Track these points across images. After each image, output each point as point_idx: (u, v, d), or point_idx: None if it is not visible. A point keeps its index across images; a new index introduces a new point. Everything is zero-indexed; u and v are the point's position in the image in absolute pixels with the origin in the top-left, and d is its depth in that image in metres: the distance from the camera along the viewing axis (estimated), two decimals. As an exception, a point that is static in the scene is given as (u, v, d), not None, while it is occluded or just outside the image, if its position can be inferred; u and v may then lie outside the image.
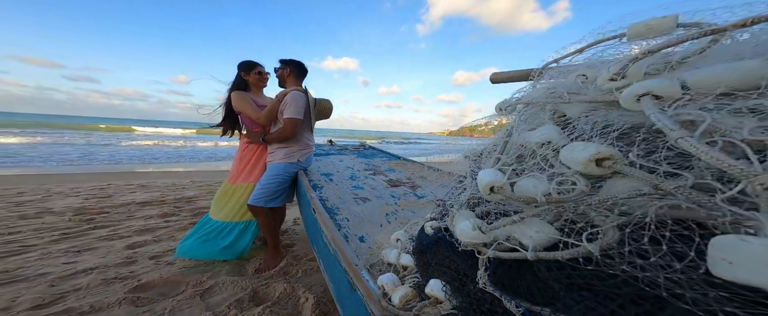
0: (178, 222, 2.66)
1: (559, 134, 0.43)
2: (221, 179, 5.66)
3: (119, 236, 2.24)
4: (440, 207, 0.72)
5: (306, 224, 1.48)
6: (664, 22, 0.45)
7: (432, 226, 0.64)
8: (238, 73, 1.77)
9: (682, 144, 0.28)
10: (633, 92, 0.36)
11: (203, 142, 16.04)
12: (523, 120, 0.54)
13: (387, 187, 1.67)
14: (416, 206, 1.36)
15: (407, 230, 0.87)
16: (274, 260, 1.69)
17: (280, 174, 1.65)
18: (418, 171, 2.14)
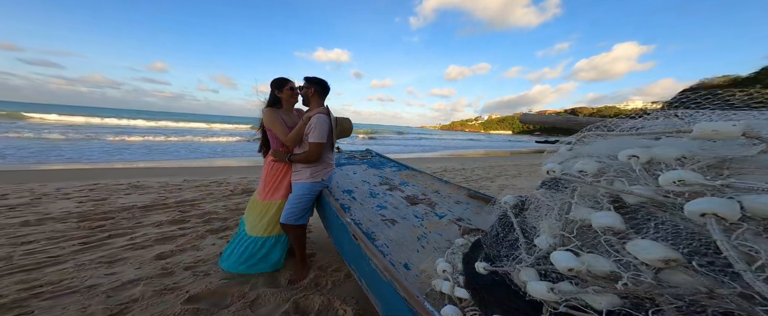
0: (192, 230, 2.74)
1: (622, 223, 0.54)
2: (215, 178, 5.66)
3: (141, 245, 2.31)
4: (485, 248, 0.94)
5: (340, 243, 1.59)
6: (731, 132, 0.50)
7: (484, 267, 0.84)
8: (272, 90, 1.86)
9: (745, 276, 0.38)
10: (697, 209, 0.45)
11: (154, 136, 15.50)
12: (577, 193, 0.67)
13: (407, 205, 1.89)
14: (440, 227, 1.59)
15: (448, 260, 1.09)
16: (303, 271, 1.88)
17: (306, 194, 1.77)
18: (430, 185, 2.37)
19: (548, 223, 0.69)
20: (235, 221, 3.04)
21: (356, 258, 1.31)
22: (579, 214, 0.63)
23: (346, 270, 1.93)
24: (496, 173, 7.31)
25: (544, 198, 0.80)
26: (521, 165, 9.64)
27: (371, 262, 1.12)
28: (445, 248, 1.34)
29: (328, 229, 1.79)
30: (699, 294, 0.41)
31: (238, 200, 4.03)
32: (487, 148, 23.54)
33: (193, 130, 22.74)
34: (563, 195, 0.74)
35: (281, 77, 1.87)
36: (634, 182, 0.59)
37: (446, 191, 2.21)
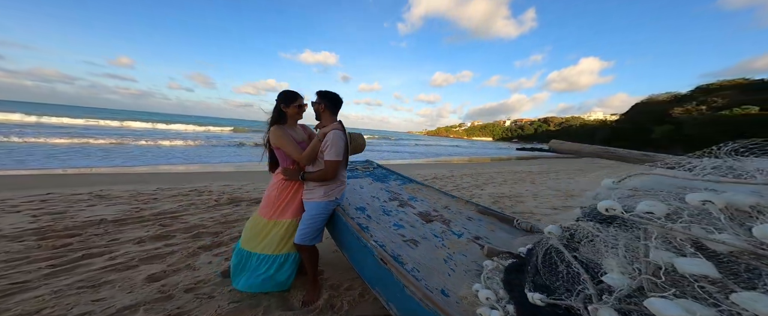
0: (181, 246, 2.52)
1: (717, 272, 0.55)
2: (193, 186, 5.28)
3: (126, 265, 2.09)
4: (529, 276, 0.98)
5: (361, 265, 1.53)
6: None
7: (541, 299, 0.85)
8: (277, 104, 1.74)
9: None
10: None
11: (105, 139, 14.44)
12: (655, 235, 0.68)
13: (423, 223, 1.91)
14: (461, 247, 1.62)
15: (487, 286, 1.12)
16: (316, 291, 1.81)
17: (321, 213, 1.72)
18: (437, 199, 2.41)
19: (617, 261, 0.73)
20: (229, 235, 2.85)
21: (385, 283, 1.28)
22: (659, 257, 0.65)
23: (359, 289, 1.89)
24: (484, 181, 7.57)
25: (601, 234, 0.86)
26: (505, 172, 10.08)
27: (407, 289, 1.10)
28: (475, 270, 1.37)
29: (344, 249, 1.75)
30: None
31: (225, 210, 3.79)
32: (471, 155, 24.67)
33: (166, 133, 21.15)
34: (628, 234, 0.79)
35: (290, 91, 1.76)
36: (716, 228, 0.62)
37: (455, 207, 2.27)
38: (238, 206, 3.99)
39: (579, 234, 0.98)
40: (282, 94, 1.75)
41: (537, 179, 8.45)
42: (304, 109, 1.81)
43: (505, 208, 4.36)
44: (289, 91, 1.76)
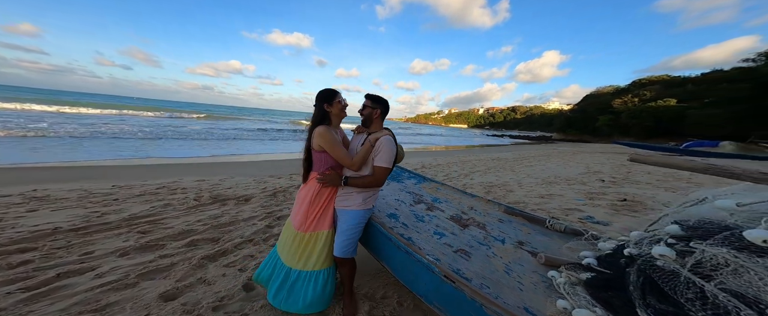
0: (180, 258, 2.23)
1: None
2: (159, 182, 4.69)
3: (123, 283, 1.82)
4: (636, 299, 0.95)
5: (412, 280, 1.42)
6: None
7: None
8: (319, 104, 1.60)
9: None
10: None
11: None
12: None
13: (460, 228, 1.87)
14: (511, 255, 1.61)
15: (572, 304, 1.10)
16: (354, 304, 1.71)
17: (361, 222, 1.61)
18: (459, 199, 2.39)
19: None
20: (231, 242, 2.58)
21: (450, 300, 1.21)
22: None
23: (395, 297, 1.82)
24: (470, 169, 7.85)
25: (749, 262, 0.82)
26: (485, 160, 10.59)
27: (486, 309, 1.05)
28: (542, 282, 1.36)
29: (385, 260, 1.61)
30: None
31: (212, 211, 3.43)
32: (450, 143, 25.61)
33: (101, 118, 18.13)
34: None
35: (330, 89, 1.63)
36: None
37: (481, 208, 2.27)
38: (225, 206, 3.63)
39: (709, 261, 0.94)
40: (322, 93, 1.62)
41: (514, 166, 8.95)
42: (346, 105, 1.68)
43: (498, 197, 4.54)
44: (328, 89, 1.63)
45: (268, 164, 7.68)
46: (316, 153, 1.61)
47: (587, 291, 1.17)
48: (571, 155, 14.03)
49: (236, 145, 11.80)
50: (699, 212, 1.21)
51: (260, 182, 5.08)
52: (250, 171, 6.44)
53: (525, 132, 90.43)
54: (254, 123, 28.75)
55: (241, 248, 2.45)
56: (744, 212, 1.04)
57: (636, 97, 40.72)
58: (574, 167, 8.71)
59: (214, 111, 59.88)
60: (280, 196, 4.17)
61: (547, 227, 2.00)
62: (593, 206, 4.05)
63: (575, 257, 1.58)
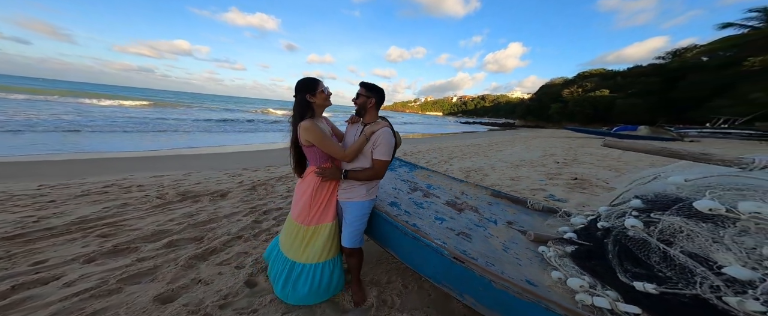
0: (163, 260, 2.07)
1: None
2: (102, 178, 4.14)
3: (105, 290, 1.68)
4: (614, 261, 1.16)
5: (422, 264, 1.50)
6: None
7: (655, 288, 0.99)
8: (300, 96, 1.50)
9: None
10: None
11: None
12: None
13: (457, 212, 2.02)
14: (505, 234, 1.80)
15: (568, 274, 1.29)
16: (362, 291, 1.77)
17: (366, 213, 1.64)
18: (450, 185, 2.55)
19: (734, 257, 0.92)
20: (218, 239, 2.43)
21: (459, 279, 1.31)
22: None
23: (399, 281, 1.92)
24: (448, 155, 8.23)
25: (699, 228, 1.04)
26: (460, 146, 11.14)
27: (495, 284, 1.15)
28: (535, 257, 1.56)
29: (393, 247, 1.68)
30: None
31: (184, 209, 3.16)
32: (425, 131, 26.27)
33: None
34: (729, 231, 0.99)
35: (311, 78, 1.53)
36: None
37: (470, 192, 2.46)
38: (198, 203, 3.36)
39: (667, 227, 1.15)
40: (303, 83, 1.51)
41: (487, 151, 9.60)
42: (328, 95, 1.59)
43: (477, 181, 4.90)
44: (309, 78, 1.53)
45: (239, 156, 7.16)
46: (306, 148, 1.54)
47: (574, 262, 1.38)
48: (531, 140, 15.42)
49: (195, 137, 10.69)
50: (654, 188, 1.48)
51: (234, 175, 4.76)
52: (217, 164, 5.96)
53: (493, 119, 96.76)
54: (215, 112, 26.09)
55: (230, 246, 2.33)
56: (689, 186, 1.31)
57: (580, 88, 45.87)
58: (535, 151, 9.62)
59: (160, 97, 52.67)
60: (260, 189, 3.97)
61: (528, 206, 2.26)
62: (553, 186, 4.59)
63: (556, 232, 1.83)
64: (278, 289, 1.65)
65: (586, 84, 45.90)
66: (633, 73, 40.96)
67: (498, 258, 1.51)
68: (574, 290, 1.22)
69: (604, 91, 40.08)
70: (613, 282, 1.18)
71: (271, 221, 2.86)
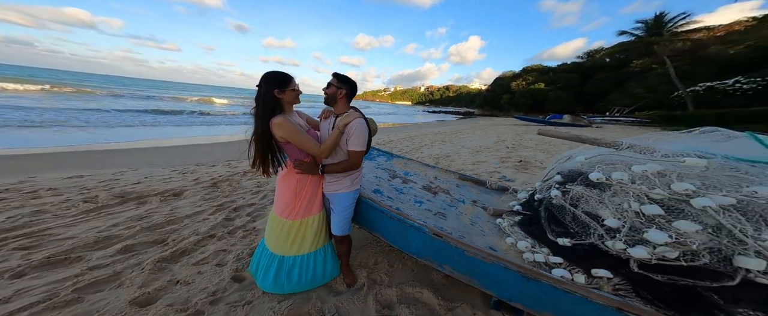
0: (124, 266, 1.88)
1: (662, 211, 1.16)
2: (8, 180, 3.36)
3: (62, 301, 1.52)
4: (546, 225, 1.54)
5: (406, 243, 1.66)
6: (699, 163, 1.27)
7: (569, 242, 1.37)
8: (267, 90, 1.40)
9: (738, 234, 1.05)
10: (701, 203, 1.14)
11: None
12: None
13: (432, 195, 2.27)
14: (470, 211, 2.09)
15: (518, 238, 1.62)
16: (352, 273, 1.89)
17: (352, 203, 1.72)
18: (425, 171, 2.80)
19: (610, 212, 1.32)
20: (186, 240, 2.25)
21: (438, 252, 1.52)
22: (632, 207, 1.28)
23: (385, 261, 2.09)
24: (419, 144, 8.61)
25: (589, 193, 1.45)
26: (429, 134, 11.69)
27: (467, 252, 1.39)
28: (494, 227, 1.88)
29: (378, 230, 1.82)
30: (714, 243, 1.05)
31: (128, 211, 2.81)
32: (395, 121, 26.52)
33: None
34: (606, 194, 1.39)
35: (282, 73, 1.46)
36: (652, 185, 1.28)
37: (442, 177, 2.75)
38: (146, 205, 2.99)
39: (574, 195, 1.56)
40: (272, 77, 1.42)
41: (452, 139, 10.32)
42: (300, 92, 1.56)
43: (446, 167, 5.33)
44: (280, 72, 1.46)
45: (184, 151, 6.34)
46: (282, 144, 1.50)
47: (521, 228, 1.75)
48: (488, 128, 16.93)
49: (118, 131, 8.98)
50: (568, 165, 1.92)
51: (185, 172, 4.27)
52: (158, 160, 5.22)
53: (456, 108, 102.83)
54: (138, 100, 22.02)
55: (203, 245, 2.19)
56: (587, 163, 1.76)
57: (524, 81, 52.40)
58: (490, 138, 10.68)
59: (47, 77, 41.42)
60: (224, 186, 3.68)
61: (487, 187, 2.65)
62: (505, 168, 5.30)
63: (508, 206, 2.22)
64: (270, 283, 1.64)
65: (528, 78, 52.36)
66: (561, 69, 48.24)
67: (467, 231, 1.79)
68: (522, 251, 1.56)
69: (541, 85, 46.49)
70: (545, 241, 1.55)
71: (244, 218, 2.74)
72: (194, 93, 46.56)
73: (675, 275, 1.14)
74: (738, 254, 1.07)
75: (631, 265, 1.23)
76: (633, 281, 1.22)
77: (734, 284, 1.05)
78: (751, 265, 1.03)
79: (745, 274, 1.04)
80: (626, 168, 1.46)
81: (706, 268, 1.10)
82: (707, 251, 1.11)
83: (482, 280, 1.43)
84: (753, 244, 1.05)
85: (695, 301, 1.10)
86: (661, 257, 1.17)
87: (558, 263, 1.41)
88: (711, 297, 1.08)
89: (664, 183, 1.30)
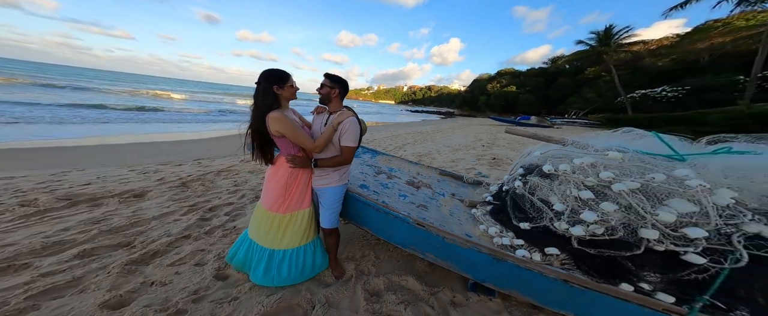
0: (84, 270, 1.72)
1: (594, 196, 1.42)
2: None
3: (15, 310, 1.33)
4: (511, 212, 1.75)
5: (391, 233, 1.76)
6: (617, 156, 1.53)
7: (528, 225, 1.57)
8: (266, 86, 1.46)
9: (638, 209, 1.33)
10: (618, 188, 1.40)
11: None
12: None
13: (415, 190, 2.38)
14: (449, 203, 2.23)
15: (489, 225, 1.80)
16: (341, 266, 1.92)
17: (341, 197, 1.76)
18: (408, 167, 2.91)
19: (557, 198, 1.54)
20: (158, 241, 2.10)
21: (421, 240, 1.64)
22: (573, 193, 1.52)
23: (372, 254, 2.13)
24: (402, 142, 8.74)
25: (543, 183, 1.67)
26: (411, 133, 11.87)
27: (446, 239, 1.53)
28: (469, 217, 2.03)
29: (365, 223, 1.89)
30: (625, 219, 1.34)
31: (80, 215, 2.55)
32: (379, 119, 26.60)
33: None
34: (555, 183, 1.62)
35: (279, 70, 1.54)
36: (588, 175, 1.53)
37: (424, 172, 2.88)
38: (102, 207, 2.72)
39: (531, 185, 1.78)
40: (271, 74, 1.48)
41: (433, 137, 10.61)
42: (297, 89, 1.62)
43: (427, 163, 5.51)
44: (277, 70, 1.53)
45: (143, 149, 5.75)
46: (276, 138, 1.55)
47: (491, 216, 1.94)
48: (466, 127, 17.63)
49: (56, 127, 7.85)
50: (529, 160, 2.16)
51: (146, 172, 3.90)
52: (108, 160, 4.70)
53: (437, 108, 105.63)
54: (78, 92, 19.43)
55: (178, 246, 2.06)
56: (542, 157, 2.00)
57: (498, 84, 55.91)
58: (469, 137, 11.16)
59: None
60: (195, 186, 3.43)
61: (464, 181, 2.84)
62: (480, 164, 5.65)
63: (482, 198, 2.42)
64: (260, 276, 1.63)
65: (502, 80, 55.95)
66: (530, 73, 52.47)
67: (447, 221, 1.93)
68: (493, 236, 1.75)
69: (513, 88, 50.16)
70: (511, 226, 1.75)
71: (222, 218, 2.61)
72: (151, 86, 42.29)
73: (602, 248, 1.38)
74: (641, 227, 1.32)
75: (572, 242, 1.46)
76: (574, 256, 1.45)
77: (640, 252, 1.29)
78: (649, 235, 1.28)
79: (647, 243, 1.29)
80: (569, 161, 1.71)
81: (622, 240, 1.35)
82: (622, 225, 1.36)
83: (460, 264, 1.57)
84: (650, 218, 1.30)
85: (617, 269, 1.34)
86: (592, 233, 1.41)
87: (520, 244, 1.62)
88: (626, 264, 1.32)
89: (594, 172, 1.56)
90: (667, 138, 1.73)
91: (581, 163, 1.63)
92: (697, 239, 1.21)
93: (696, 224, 1.23)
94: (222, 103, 25.39)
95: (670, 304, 1.20)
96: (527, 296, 1.46)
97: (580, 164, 1.63)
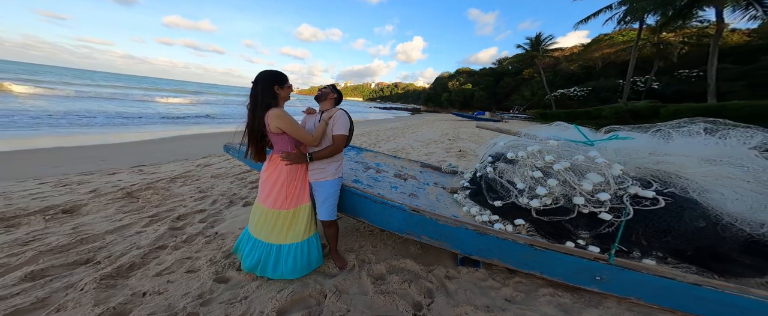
0: (45, 290, 1.48)
1: (543, 175, 1.86)
2: None
3: None
4: (486, 194, 2.07)
5: (387, 221, 1.87)
6: (554, 145, 2.02)
7: (498, 203, 1.90)
8: (268, 86, 1.55)
9: (571, 182, 1.81)
10: (557, 167, 1.87)
11: None
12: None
13: (402, 181, 2.56)
14: (434, 191, 2.46)
15: (470, 206, 2.09)
16: (342, 257, 1.98)
17: (337, 190, 1.84)
18: (392, 162, 3.08)
19: (519, 179, 1.90)
20: (128, 254, 1.86)
21: (416, 224, 1.80)
22: (531, 173, 1.92)
23: (369, 244, 2.22)
24: (376, 139, 8.80)
25: (508, 167, 2.03)
26: (384, 130, 12.02)
27: (439, 221, 1.74)
28: (453, 202, 2.30)
29: (362, 214, 1.96)
30: (564, 191, 1.81)
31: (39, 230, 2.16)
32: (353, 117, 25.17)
33: None
34: (516, 167, 1.98)
35: (279, 72, 1.62)
36: (537, 159, 1.97)
37: (408, 166, 3.08)
38: (17, 227, 2.27)
39: (499, 169, 2.15)
40: (272, 75, 1.58)
41: (405, 133, 10.91)
42: (292, 90, 1.72)
43: (405, 157, 5.76)
44: (277, 71, 1.63)
45: (47, 157, 4.63)
46: (274, 135, 1.61)
47: (471, 199, 2.26)
48: (433, 123, 18.32)
49: None
50: (496, 149, 2.55)
51: (67, 184, 3.28)
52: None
53: (405, 105, 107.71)
54: None
55: (156, 257, 1.87)
56: (506, 146, 2.40)
57: (457, 82, 60.33)
58: (436, 132, 11.73)
59: None
60: (147, 195, 3.02)
61: (443, 171, 3.14)
62: (449, 157, 6.11)
63: (460, 184, 2.73)
64: (270, 272, 1.66)
65: (460, 78, 60.51)
66: (482, 73, 57.74)
67: (436, 206, 2.17)
68: (474, 215, 2.06)
69: (469, 86, 54.64)
70: (487, 205, 2.09)
71: (197, 225, 2.41)
72: (33, 76, 33.16)
73: (552, 215, 1.78)
74: (573, 196, 1.75)
75: (532, 213, 1.84)
76: (535, 224, 1.84)
77: (574, 216, 1.71)
78: (578, 201, 1.72)
79: (578, 208, 1.73)
80: (524, 149, 2.15)
81: (563, 207, 1.76)
82: (562, 196, 1.79)
83: (451, 241, 1.79)
84: (578, 189, 1.75)
85: (562, 231, 1.74)
86: (544, 204, 1.81)
87: (496, 219, 1.95)
88: (567, 227, 1.73)
89: (541, 157, 2.00)
90: (583, 129, 2.29)
91: (532, 149, 2.04)
92: (605, 201, 1.67)
93: (603, 190, 1.70)
94: (148, 100, 20.71)
95: (597, 253, 1.60)
96: (505, 263, 1.74)
97: (531, 150, 2.04)
